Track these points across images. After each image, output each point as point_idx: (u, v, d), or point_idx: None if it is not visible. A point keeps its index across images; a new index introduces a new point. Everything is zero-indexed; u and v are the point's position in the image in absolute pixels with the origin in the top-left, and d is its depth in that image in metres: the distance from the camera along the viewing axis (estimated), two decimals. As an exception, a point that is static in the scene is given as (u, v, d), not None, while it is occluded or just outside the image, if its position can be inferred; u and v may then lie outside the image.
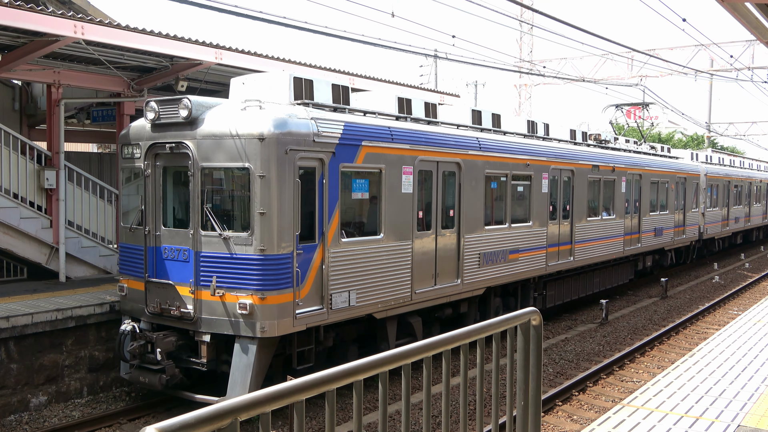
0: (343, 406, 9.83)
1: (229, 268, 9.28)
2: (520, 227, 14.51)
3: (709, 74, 36.77)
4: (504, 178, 13.98)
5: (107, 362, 11.21)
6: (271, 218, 9.10)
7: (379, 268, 10.73)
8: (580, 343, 14.44)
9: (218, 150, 9.36)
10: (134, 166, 10.34)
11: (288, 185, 9.23)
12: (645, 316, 17.58)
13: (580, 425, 9.64)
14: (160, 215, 10.08)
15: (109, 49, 12.61)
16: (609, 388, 11.67)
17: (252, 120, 9.22)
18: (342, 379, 2.73)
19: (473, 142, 13.00)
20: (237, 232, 9.32)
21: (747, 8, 10.17)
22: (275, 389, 2.46)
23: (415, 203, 11.45)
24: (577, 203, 16.78)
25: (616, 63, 38.41)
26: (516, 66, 38.24)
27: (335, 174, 9.94)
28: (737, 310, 18.63)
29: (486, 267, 13.27)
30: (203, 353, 9.52)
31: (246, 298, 9.09)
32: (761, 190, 36.77)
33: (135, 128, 10.37)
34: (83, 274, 13.95)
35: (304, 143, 9.44)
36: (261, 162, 9.06)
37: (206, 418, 2.13)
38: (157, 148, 9.95)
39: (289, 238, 9.26)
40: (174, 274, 9.79)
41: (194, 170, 9.50)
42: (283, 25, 13.52)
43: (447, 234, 12.30)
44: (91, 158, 19.87)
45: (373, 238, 10.69)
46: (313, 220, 9.68)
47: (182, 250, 9.72)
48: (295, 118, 9.50)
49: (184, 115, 9.51)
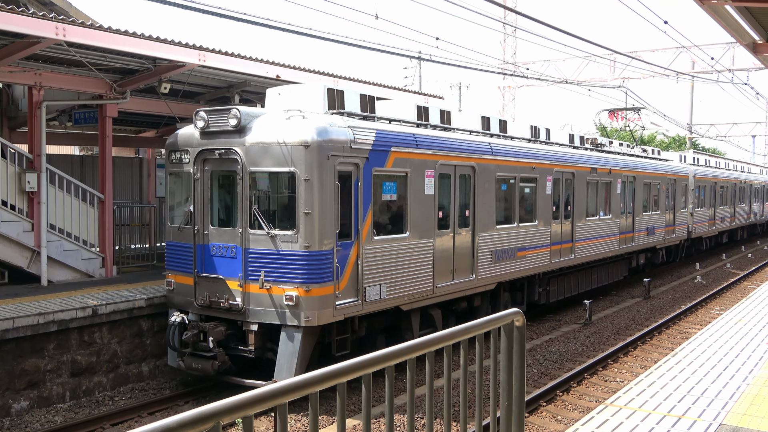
0: (316, 411, 9.79)
1: (276, 264, 10.17)
2: (527, 226, 15.46)
3: (691, 76, 37.11)
4: (513, 181, 14.92)
5: (89, 366, 11.13)
6: (314, 218, 9.98)
7: (405, 264, 11.67)
8: (564, 344, 14.51)
9: (266, 156, 10.23)
10: (182, 171, 11.25)
11: (329, 188, 10.12)
12: (628, 316, 17.70)
13: (564, 425, 9.69)
14: (208, 215, 10.98)
15: (91, 51, 12.52)
16: (593, 388, 11.73)
17: (297, 128, 10.09)
18: (326, 381, 2.74)
19: (486, 147, 13.97)
20: (283, 231, 10.18)
21: (727, 11, 10.28)
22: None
23: (436, 204, 12.38)
24: (577, 204, 17.78)
25: (598, 65, 38.65)
26: (499, 68, 38.38)
27: (368, 177, 10.86)
28: (719, 309, 18.80)
29: (497, 264, 14.21)
30: (251, 341, 10.41)
31: (292, 291, 9.95)
32: (745, 191, 37.85)
33: (183, 136, 11.24)
34: (65, 277, 13.83)
35: (342, 149, 10.36)
36: (306, 167, 9.96)
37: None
38: (206, 154, 10.83)
39: (330, 236, 10.17)
40: (222, 269, 10.67)
41: (243, 174, 10.36)
42: (267, 26, 13.49)
43: (463, 233, 13.20)
44: (74, 161, 19.71)
45: (400, 236, 11.60)
46: (349, 220, 10.56)
47: (230, 247, 10.61)
48: (334, 126, 10.41)
49: (233, 124, 10.39)
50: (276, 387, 2.51)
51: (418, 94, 19.31)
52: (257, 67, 14.08)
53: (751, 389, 7.14)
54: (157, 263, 15.95)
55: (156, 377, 12.13)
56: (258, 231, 10.32)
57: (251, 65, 13.94)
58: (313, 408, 2.76)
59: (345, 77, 16.28)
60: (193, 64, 13.17)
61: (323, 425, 9.64)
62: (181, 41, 12.68)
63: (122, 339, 11.67)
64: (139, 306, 11.84)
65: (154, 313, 12.14)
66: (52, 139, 17.61)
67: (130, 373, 11.77)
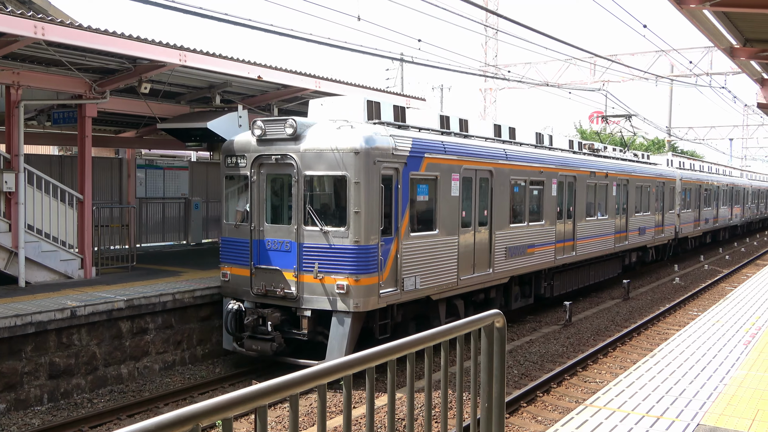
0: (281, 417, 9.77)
1: (328, 256, 11.39)
2: (536, 225, 16.84)
3: (670, 79, 37.48)
4: (523, 183, 16.25)
5: (68, 368, 11.02)
6: (363, 216, 11.21)
7: (435, 258, 12.92)
8: (544, 345, 14.58)
9: (319, 161, 11.43)
10: (239, 174, 12.44)
11: (375, 189, 11.38)
12: (608, 317, 17.83)
13: (545, 426, 9.74)
14: (264, 214, 12.17)
15: (70, 50, 12.41)
16: (572, 389, 11.80)
17: (348, 137, 11.30)
18: (305, 383, 2.73)
19: (501, 153, 15.32)
20: (335, 227, 11.40)
21: (705, 15, 10.39)
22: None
23: (460, 204, 13.68)
24: (578, 205, 19.20)
25: (579, 68, 38.93)
26: (481, 70, 38.53)
27: (406, 180, 12.12)
28: (697, 310, 18.99)
29: (510, 259, 15.56)
30: (304, 326, 11.65)
31: (343, 280, 11.22)
32: (727, 193, 39.40)
33: (239, 142, 12.41)
34: (43, 279, 13.68)
35: (386, 155, 11.62)
36: (355, 171, 11.18)
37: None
38: (262, 159, 12.02)
39: (375, 232, 11.42)
40: (278, 261, 11.88)
41: (298, 177, 11.55)
42: (248, 27, 13.44)
43: (482, 231, 14.53)
44: (52, 161, 19.53)
45: (431, 233, 12.85)
46: (390, 218, 11.82)
47: (285, 242, 11.85)
48: (379, 135, 11.64)
49: (289, 132, 11.58)
50: (254, 389, 2.50)
51: (400, 96, 19.33)
52: (239, 68, 14.03)
53: (728, 389, 7.22)
54: (137, 264, 15.84)
55: (135, 379, 12.05)
56: (312, 228, 11.56)
57: (233, 65, 13.89)
58: (293, 410, 2.76)
59: (329, 78, 16.27)
60: (174, 64, 13.09)
61: (303, 426, 9.62)
62: (161, 41, 12.59)
63: (101, 341, 11.57)
64: (118, 307, 11.75)
65: (134, 315, 12.05)
66: (31, 139, 17.42)
67: (109, 375, 11.67)
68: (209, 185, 23.62)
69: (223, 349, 12.99)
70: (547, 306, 18.61)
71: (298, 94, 16.69)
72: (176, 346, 12.90)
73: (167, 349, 12.72)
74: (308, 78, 15.70)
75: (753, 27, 11.52)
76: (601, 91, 40.11)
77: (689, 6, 9.42)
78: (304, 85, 15.72)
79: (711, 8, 9.62)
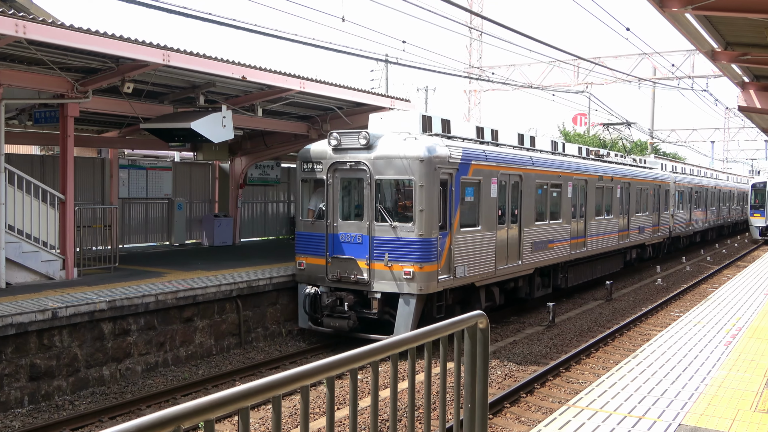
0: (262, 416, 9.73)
1: (396, 247, 13.39)
2: (555, 223, 18.93)
3: (652, 82, 37.76)
4: (545, 186, 18.29)
5: (49, 370, 10.92)
6: (426, 213, 13.22)
7: (479, 250, 15.00)
8: (527, 346, 14.64)
9: (389, 167, 13.47)
10: (315, 177, 14.38)
11: (435, 191, 13.39)
12: (590, 318, 17.93)
13: (528, 426, 9.77)
14: (338, 212, 14.11)
15: (52, 49, 12.30)
16: (556, 389, 11.85)
17: (413, 147, 13.35)
18: (289, 384, 2.73)
19: (528, 160, 17.42)
20: (402, 223, 13.41)
21: (687, 19, 10.48)
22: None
23: (497, 204, 15.77)
24: (589, 206, 21.29)
25: (563, 70, 39.13)
26: (465, 72, 38.61)
27: (458, 183, 14.12)
28: (678, 311, 19.14)
29: (535, 253, 17.62)
30: (374, 306, 13.70)
31: (409, 267, 13.21)
32: (715, 195, 42.19)
33: (315, 150, 14.42)
34: (24, 280, 13.55)
35: (443, 163, 13.63)
36: (420, 175, 13.21)
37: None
38: (337, 165, 14.00)
39: (435, 227, 13.44)
40: (351, 252, 13.87)
41: (370, 181, 13.56)
42: (233, 27, 13.37)
43: (513, 227, 16.60)
44: (33, 161, 19.35)
45: (475, 229, 14.89)
46: (446, 215, 13.84)
47: (357, 235, 13.82)
48: (438, 145, 13.66)
49: (363, 143, 13.60)
50: (236, 391, 2.48)
51: (384, 97, 19.33)
52: (223, 68, 13.97)
53: (709, 390, 7.28)
54: (120, 265, 15.73)
55: (118, 381, 11.96)
56: (382, 223, 13.57)
57: (217, 66, 13.82)
58: (276, 411, 2.74)
59: (313, 79, 16.24)
60: (157, 64, 13.01)
61: (286, 428, 9.59)
62: (144, 40, 12.50)
63: (83, 342, 11.48)
64: (100, 309, 11.66)
65: (116, 317, 11.97)
66: (12, 139, 17.26)
67: (90, 376, 11.58)
68: (192, 186, 23.51)
69: (203, 352, 12.92)
70: (530, 307, 18.71)
71: (283, 94, 16.64)
72: (159, 347, 12.82)
73: (149, 350, 12.64)
74: (293, 78, 15.66)
75: (734, 31, 11.63)
76: (584, 93, 40.37)
77: (671, 9, 9.50)
78: (288, 86, 15.69)
79: (693, 12, 9.70)
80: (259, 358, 13.71)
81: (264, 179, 24.97)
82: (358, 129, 14.24)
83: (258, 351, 14.37)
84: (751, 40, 12.05)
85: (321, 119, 20.21)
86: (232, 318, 14.33)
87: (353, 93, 17.60)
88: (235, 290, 14.29)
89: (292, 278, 15.36)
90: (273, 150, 22.26)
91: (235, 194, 23.32)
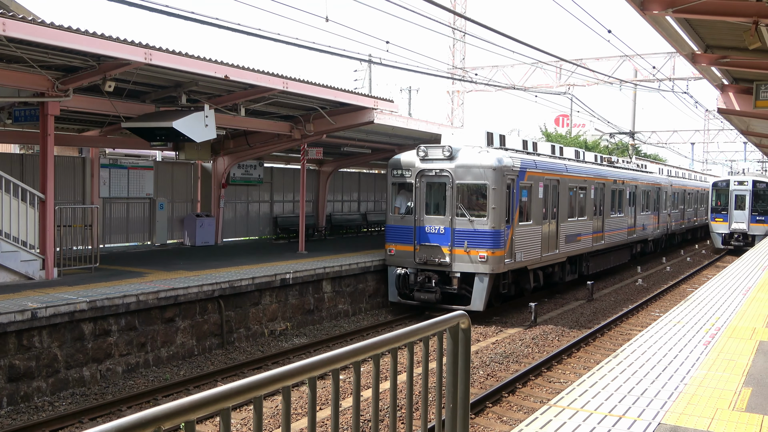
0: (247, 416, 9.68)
1: (473, 237, 17.03)
2: (581, 220, 22.62)
3: (633, 84, 38.02)
4: (575, 189, 22.02)
5: (28, 371, 10.80)
6: (496, 210, 16.92)
7: (530, 241, 18.73)
8: (510, 346, 14.70)
9: (467, 174, 17.12)
10: (404, 182, 17.99)
11: (503, 192, 17.09)
12: (572, 318, 18.03)
13: (510, 426, 9.81)
14: (423, 209, 17.74)
15: (32, 47, 12.17)
16: (537, 389, 11.91)
17: (487, 158, 17.03)
18: (270, 385, 2.72)
19: (563, 167, 21.34)
20: (478, 218, 17.04)
21: (668, 22, 10.58)
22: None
23: (542, 204, 19.44)
24: (606, 205, 24.96)
25: (545, 72, 39.30)
26: (449, 72, 38.70)
27: (518, 187, 17.81)
28: (659, 311, 19.30)
29: (567, 244, 21.45)
30: (454, 284, 17.26)
31: (483, 252, 16.88)
32: (704, 196, 45.14)
33: (405, 160, 17.96)
34: (3, 280, 13.40)
35: (509, 170, 17.33)
36: (492, 180, 16.87)
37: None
38: (424, 172, 17.63)
39: (503, 221, 17.12)
40: (435, 240, 17.47)
41: (452, 185, 17.18)
42: (216, 26, 13.31)
43: (552, 223, 20.34)
44: (13, 159, 19.16)
45: (528, 223, 18.65)
46: (510, 212, 17.51)
47: (440, 227, 17.43)
48: (505, 157, 17.37)
49: (447, 154, 17.18)
50: (217, 391, 2.48)
51: (368, 97, 19.33)
52: (205, 67, 13.90)
53: (688, 389, 7.35)
54: (101, 265, 15.61)
55: (98, 382, 11.87)
56: (461, 218, 17.15)
57: (199, 65, 13.75)
58: (257, 412, 2.74)
59: (296, 79, 16.20)
60: (139, 63, 12.92)
61: (268, 429, 9.57)
62: (126, 39, 12.41)
63: (63, 343, 11.38)
64: (80, 309, 11.56)
65: (96, 317, 11.87)
66: (-9, 137, 17.06)
67: (70, 377, 11.48)
68: (174, 185, 23.37)
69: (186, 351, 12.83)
70: (512, 307, 18.80)
71: (266, 94, 16.60)
72: (139, 348, 12.74)
73: (130, 351, 12.56)
74: (276, 78, 15.62)
75: (713, 34, 11.76)
76: (566, 94, 40.59)
77: (652, 12, 9.59)
78: (271, 85, 15.64)
79: (673, 15, 9.80)
80: (241, 359, 13.66)
81: (247, 179, 24.89)
82: (440, 144, 17.82)
83: (240, 351, 14.31)
84: (730, 44, 12.19)
85: (304, 119, 20.17)
86: (214, 318, 14.27)
87: (336, 93, 17.59)
88: (217, 290, 14.22)
89: (275, 278, 15.31)
90: (256, 150, 22.19)
91: (218, 194, 23.23)
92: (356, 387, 3.36)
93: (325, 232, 28.40)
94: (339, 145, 24.72)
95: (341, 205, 31.41)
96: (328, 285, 17.48)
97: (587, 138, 53.90)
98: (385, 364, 10.76)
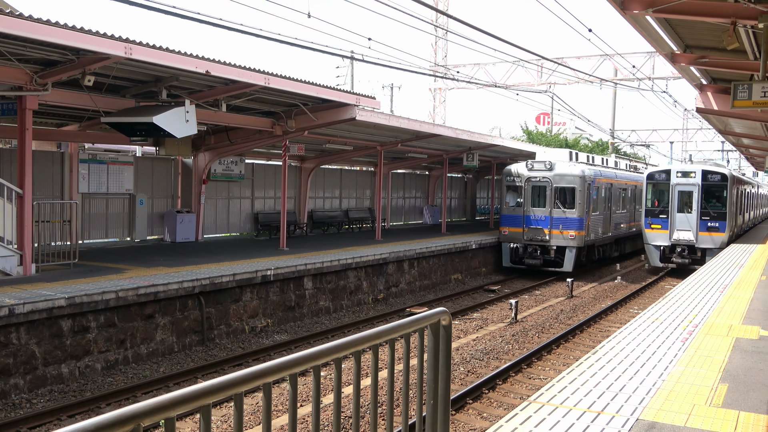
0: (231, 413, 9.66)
1: (565, 222, 25.00)
2: (622, 212, 30.59)
3: (613, 83, 38.32)
4: (618, 190, 29.70)
5: (5, 368, 10.69)
6: (582, 204, 24.95)
7: (597, 225, 26.94)
8: (490, 342, 14.77)
9: (562, 180, 25.13)
10: (515, 185, 25.89)
11: (585, 193, 25.13)
12: (552, 315, 18.16)
13: (490, 422, 9.87)
14: (529, 202, 25.59)
15: (10, 40, 12.01)
16: (518, 385, 11.99)
17: (575, 169, 25.33)
18: (250, 382, 2.72)
19: (613, 174, 29.48)
20: (569, 209, 25.06)
21: (648, 22, 10.66)
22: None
23: (603, 200, 27.49)
24: (636, 201, 32.59)
25: (527, 70, 39.49)
26: (431, 70, 38.76)
27: (592, 189, 25.86)
28: (637, 308, 19.49)
29: (615, 229, 29.53)
30: (552, 254, 25.25)
31: (573, 233, 24.94)
32: None
33: (516, 170, 26.01)
34: (-20, 275, 13.23)
35: (588, 178, 25.31)
36: (579, 184, 24.94)
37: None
38: (530, 178, 25.55)
39: (585, 211, 25.16)
40: (538, 224, 25.38)
41: (552, 187, 25.14)
42: (197, 21, 13.22)
43: (607, 213, 28.22)
44: (-10, 154, 18.88)
45: (596, 214, 26.63)
46: (589, 204, 25.44)
47: (542, 216, 25.34)
48: (587, 169, 25.70)
49: (548, 166, 25.26)
50: (197, 388, 2.47)
51: (350, 94, 19.30)
52: (186, 62, 13.79)
53: (666, 385, 7.43)
54: (79, 261, 15.46)
55: (77, 379, 11.77)
56: (557, 209, 25.13)
57: (180, 60, 13.64)
58: (238, 408, 2.73)
59: (278, 75, 16.13)
60: (119, 57, 12.79)
61: (249, 425, 9.55)
62: (106, 33, 12.29)
63: (41, 339, 11.26)
64: (59, 305, 11.45)
65: (75, 313, 11.77)
66: (-33, 131, 16.81)
67: (49, 374, 11.37)
68: (155, 181, 23.19)
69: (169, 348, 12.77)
70: (492, 302, 18.87)
71: (247, 90, 16.51)
72: (119, 344, 12.64)
73: (110, 348, 12.47)
74: (257, 74, 15.54)
75: (693, 34, 11.88)
76: (547, 93, 40.81)
77: (633, 12, 9.66)
78: (253, 81, 15.56)
79: (654, 14, 9.88)
80: (222, 356, 13.61)
81: (228, 175, 24.74)
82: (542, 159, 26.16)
83: (220, 348, 14.26)
84: (709, 44, 12.32)
85: (286, 115, 20.10)
86: (195, 315, 14.20)
87: (318, 89, 17.53)
88: (198, 287, 14.15)
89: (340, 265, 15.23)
90: (237, 146, 22.08)
91: (198, 190, 23.08)
92: (337, 383, 3.37)
93: (306, 228, 28.34)
94: (322, 141, 24.67)
95: (323, 202, 31.36)
96: (309, 282, 17.46)
97: (567, 136, 54.30)
98: (366, 360, 10.77)
